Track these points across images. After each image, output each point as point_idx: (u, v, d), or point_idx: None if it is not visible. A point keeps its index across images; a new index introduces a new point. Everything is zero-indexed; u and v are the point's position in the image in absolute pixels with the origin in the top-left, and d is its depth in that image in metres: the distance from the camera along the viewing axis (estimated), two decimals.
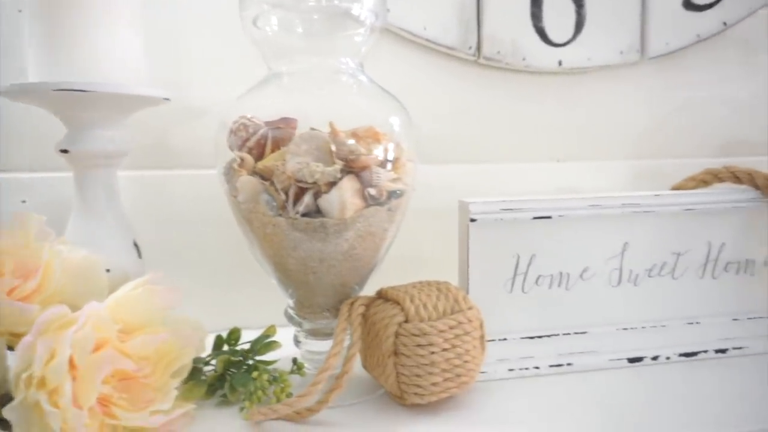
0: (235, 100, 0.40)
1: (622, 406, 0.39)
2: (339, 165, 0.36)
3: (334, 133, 0.36)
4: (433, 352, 0.37)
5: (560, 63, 0.56)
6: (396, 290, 0.40)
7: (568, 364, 0.44)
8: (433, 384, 0.37)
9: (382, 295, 0.41)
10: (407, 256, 0.54)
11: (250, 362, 0.43)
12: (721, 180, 0.48)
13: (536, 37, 0.55)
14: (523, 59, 0.56)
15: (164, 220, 0.53)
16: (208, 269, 0.54)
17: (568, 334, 0.45)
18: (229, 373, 0.42)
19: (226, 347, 0.45)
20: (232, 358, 0.43)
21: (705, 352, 0.46)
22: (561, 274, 0.44)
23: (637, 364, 0.45)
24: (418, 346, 0.37)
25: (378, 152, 0.38)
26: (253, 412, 0.36)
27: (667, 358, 0.46)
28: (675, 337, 0.46)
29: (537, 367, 0.44)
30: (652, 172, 0.59)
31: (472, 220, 0.42)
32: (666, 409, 0.39)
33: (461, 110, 0.57)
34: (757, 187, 0.46)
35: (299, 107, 0.40)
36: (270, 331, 0.45)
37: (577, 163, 0.61)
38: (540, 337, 0.44)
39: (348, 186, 0.37)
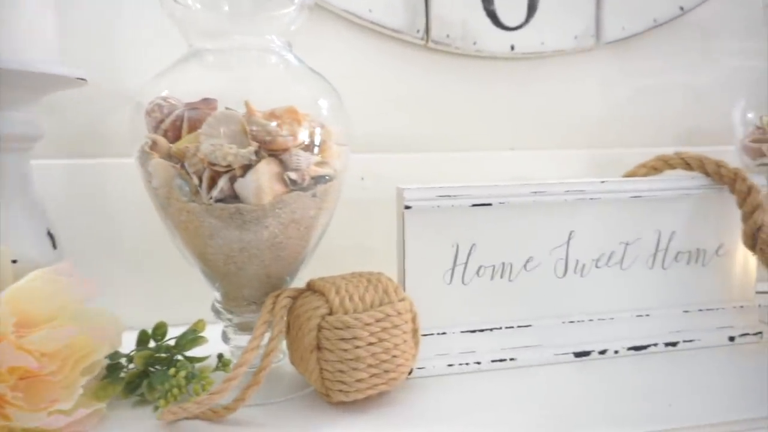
0: (151, 78, 0.38)
1: (567, 402, 0.37)
2: (254, 146, 0.33)
3: (249, 112, 0.34)
4: (357, 347, 0.35)
5: (513, 48, 0.55)
6: (324, 281, 0.38)
7: (511, 359, 0.42)
8: (359, 380, 0.35)
9: (310, 287, 0.38)
10: (353, 248, 0.52)
11: (178, 359, 0.41)
12: (672, 167, 0.47)
13: (487, 21, 0.53)
14: (474, 43, 0.54)
15: (94, 210, 0.51)
16: (142, 262, 0.52)
17: (511, 327, 0.42)
18: (152, 370, 0.40)
19: (153, 343, 0.43)
20: (157, 355, 0.41)
21: (655, 345, 0.44)
22: (503, 264, 0.42)
23: (583, 358, 0.43)
24: (342, 339, 0.35)
25: (303, 135, 0.36)
26: (164, 412, 0.34)
27: (616, 352, 0.44)
28: (624, 330, 0.44)
29: (478, 363, 0.42)
30: (611, 162, 0.57)
31: (407, 207, 0.40)
32: (614, 404, 0.37)
33: (409, 97, 0.55)
34: (707, 173, 0.44)
35: (221, 87, 0.37)
36: (198, 326, 0.43)
37: (533, 152, 0.59)
38: (481, 330, 0.42)
39: (265, 169, 0.34)
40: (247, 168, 0.34)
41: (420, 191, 0.40)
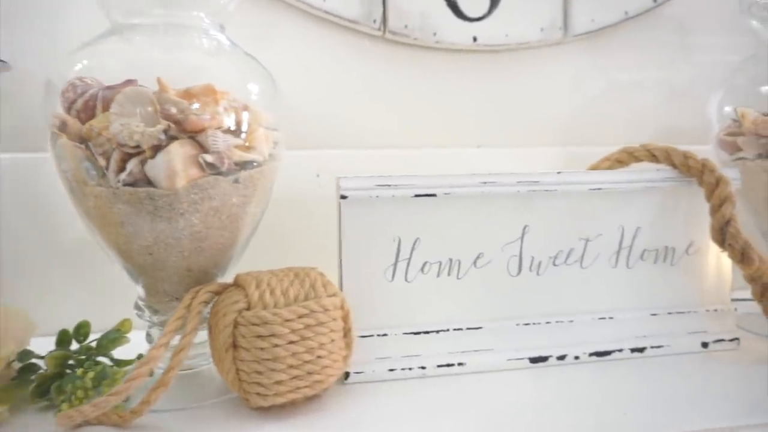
0: (66, 55, 0.35)
1: (520, 411, 0.34)
2: (163, 125, 0.31)
3: (161, 89, 0.32)
4: (276, 345, 0.32)
5: (475, 39, 0.52)
6: (248, 275, 0.35)
7: (460, 364, 0.39)
8: (278, 382, 0.32)
9: (235, 281, 0.35)
10: (307, 246, 0.49)
11: (98, 360, 0.38)
12: (638, 159, 0.44)
13: (448, 11, 0.51)
14: (434, 34, 0.51)
15: (31, 208, 0.48)
16: (81, 261, 0.49)
17: (460, 329, 0.39)
18: (69, 373, 0.37)
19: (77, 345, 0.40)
20: (78, 356, 0.38)
21: (619, 351, 0.41)
22: (451, 260, 0.39)
23: (540, 364, 0.40)
24: (258, 337, 0.32)
25: (221, 116, 0.33)
26: (60, 416, 0.31)
27: (576, 357, 0.40)
28: (585, 335, 0.41)
29: (423, 367, 0.38)
30: (582, 159, 0.54)
31: (343, 197, 0.37)
32: (573, 414, 0.34)
33: (367, 91, 0.52)
34: (674, 165, 0.41)
35: (142, 66, 0.35)
36: (123, 325, 0.40)
37: (500, 149, 0.56)
38: (427, 332, 0.39)
39: (178, 151, 0.32)
40: (157, 149, 0.32)
41: (357, 180, 0.37)
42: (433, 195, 0.38)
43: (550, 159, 0.57)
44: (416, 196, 0.38)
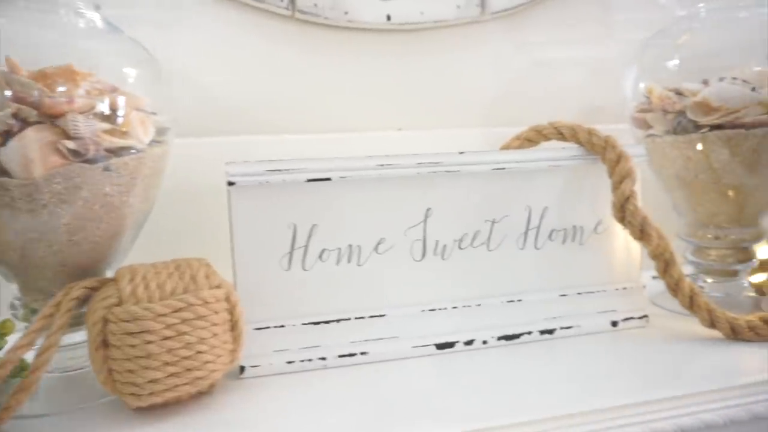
0: None
1: (426, 399, 0.33)
2: (11, 108, 0.29)
3: (10, 69, 0.29)
4: (148, 342, 0.30)
5: (389, 18, 0.50)
6: (126, 268, 0.33)
7: (363, 354, 0.38)
8: (152, 381, 0.30)
9: (115, 276, 0.34)
10: (211, 234, 0.47)
11: None
12: (546, 137, 0.43)
13: None
14: (346, 14, 0.49)
15: None
16: None
17: (362, 318, 0.38)
18: None
19: None
20: None
21: (528, 333, 0.40)
22: (351, 247, 0.38)
23: (447, 350, 0.39)
24: (128, 334, 0.30)
25: (94, 103, 0.31)
26: None
27: (484, 342, 0.40)
28: (493, 318, 0.40)
29: (323, 358, 0.37)
30: (505, 140, 0.53)
31: (231, 184, 0.35)
32: (482, 399, 0.33)
33: (278, 73, 0.50)
34: (580, 143, 0.41)
35: (6, 48, 0.33)
36: (4, 326, 0.37)
37: (423, 131, 0.55)
38: (327, 322, 0.37)
39: (34, 137, 0.29)
40: (7, 135, 0.29)
41: (246, 165, 0.35)
42: (328, 179, 0.36)
43: (474, 140, 0.55)
44: (309, 180, 0.36)
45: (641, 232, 0.37)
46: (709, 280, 0.46)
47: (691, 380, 0.34)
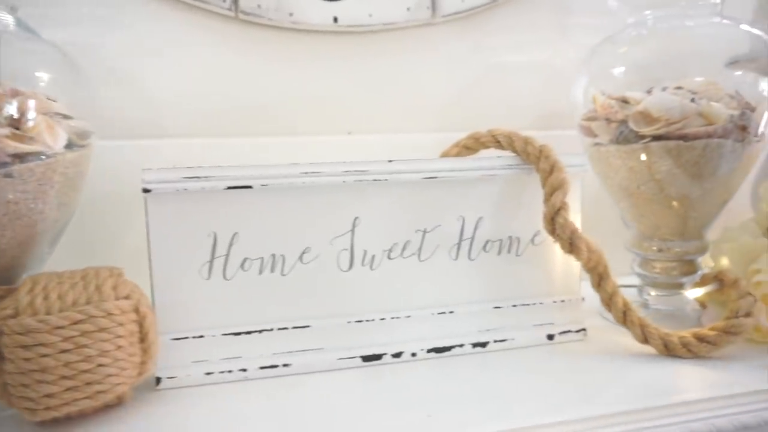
0: None
1: (349, 413, 0.32)
2: None
3: None
4: (44, 355, 0.29)
5: (336, 20, 0.49)
6: (30, 278, 0.32)
7: (285, 365, 0.37)
8: (48, 396, 0.29)
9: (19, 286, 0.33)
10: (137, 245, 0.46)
11: None
12: (485, 145, 0.42)
13: None
14: (290, 15, 0.48)
15: None
16: None
17: (286, 328, 0.37)
18: None
19: None
20: None
21: (460, 346, 0.39)
22: (274, 256, 0.37)
23: (374, 362, 0.38)
24: (22, 347, 0.29)
25: (8, 109, 0.30)
26: None
27: (413, 354, 0.39)
28: (423, 330, 0.39)
29: (244, 370, 0.36)
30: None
31: (146, 191, 0.34)
32: (407, 413, 0.32)
33: (223, 75, 0.49)
34: (516, 151, 0.40)
35: None
36: None
37: (374, 135, 0.54)
38: (248, 333, 0.36)
39: None
40: None
41: (162, 172, 0.34)
42: (249, 187, 0.35)
43: (426, 145, 0.54)
44: (229, 188, 0.35)
45: (570, 245, 0.36)
46: (654, 293, 0.45)
47: (612, 399, 0.33)
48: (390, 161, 0.38)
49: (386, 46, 0.52)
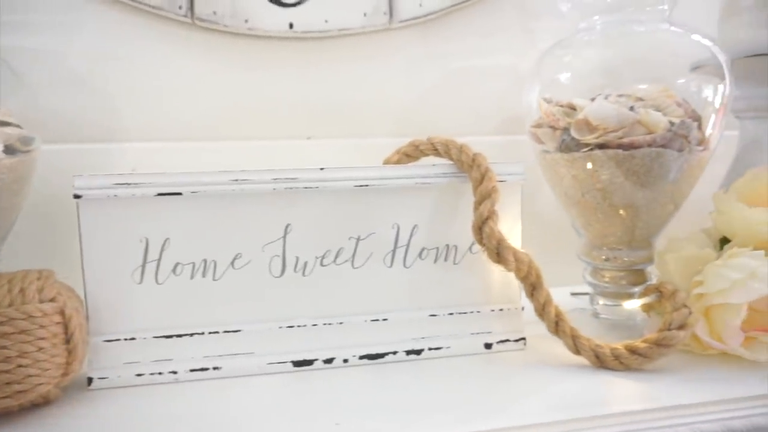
0: None
1: (277, 417, 0.32)
2: None
3: None
4: None
5: (291, 26, 0.50)
6: None
7: (215, 368, 0.37)
8: None
9: None
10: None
11: None
12: (424, 153, 0.42)
13: None
14: (246, 21, 0.49)
15: None
16: None
17: (217, 332, 0.38)
18: None
19: None
20: None
21: (394, 353, 0.39)
22: (206, 261, 0.37)
23: (305, 368, 0.38)
24: None
25: None
26: None
27: (345, 360, 0.39)
28: (355, 337, 0.39)
29: (174, 372, 0.37)
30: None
31: (77, 197, 0.35)
32: (335, 419, 0.32)
33: (180, 81, 0.50)
34: (452, 159, 0.39)
35: None
36: None
37: (334, 140, 0.54)
38: (179, 336, 0.37)
39: None
40: None
41: (93, 179, 0.35)
42: (179, 194, 0.36)
43: (387, 150, 0.54)
44: (160, 195, 0.36)
45: (497, 254, 0.36)
46: (602, 302, 0.45)
47: (526, 411, 0.32)
48: (321, 169, 0.38)
49: (343, 52, 0.52)
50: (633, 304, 0.42)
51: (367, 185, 0.38)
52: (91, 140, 0.49)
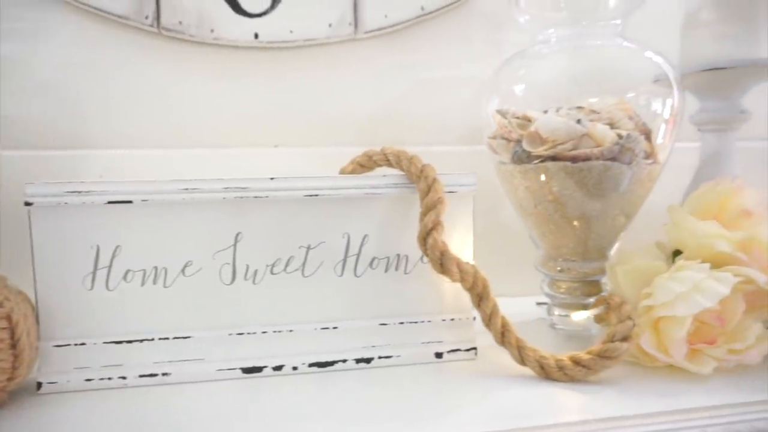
0: None
1: (225, 424, 0.33)
2: None
3: None
4: None
5: (257, 36, 0.50)
6: None
7: (165, 374, 0.38)
8: None
9: None
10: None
11: None
12: (377, 163, 0.42)
13: (226, 6, 0.49)
14: (212, 31, 0.50)
15: None
16: None
17: (167, 339, 0.38)
18: None
19: None
20: None
21: (343, 361, 0.40)
22: (156, 269, 0.38)
23: (254, 375, 0.39)
24: None
25: None
26: None
27: (294, 368, 0.39)
28: (305, 345, 0.39)
29: (124, 378, 0.37)
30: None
31: (28, 204, 0.36)
32: (287, 427, 0.32)
33: (146, 90, 0.51)
34: (403, 170, 0.40)
35: None
36: None
37: (301, 149, 0.54)
38: (129, 342, 0.38)
39: None
40: None
41: (45, 186, 0.36)
42: (129, 202, 0.37)
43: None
44: (110, 203, 0.37)
45: (441, 265, 0.36)
46: (557, 313, 0.45)
47: (464, 420, 0.33)
48: (271, 178, 0.38)
49: (309, 62, 0.53)
50: (581, 315, 0.42)
51: (317, 195, 0.39)
52: (56, 147, 0.50)
